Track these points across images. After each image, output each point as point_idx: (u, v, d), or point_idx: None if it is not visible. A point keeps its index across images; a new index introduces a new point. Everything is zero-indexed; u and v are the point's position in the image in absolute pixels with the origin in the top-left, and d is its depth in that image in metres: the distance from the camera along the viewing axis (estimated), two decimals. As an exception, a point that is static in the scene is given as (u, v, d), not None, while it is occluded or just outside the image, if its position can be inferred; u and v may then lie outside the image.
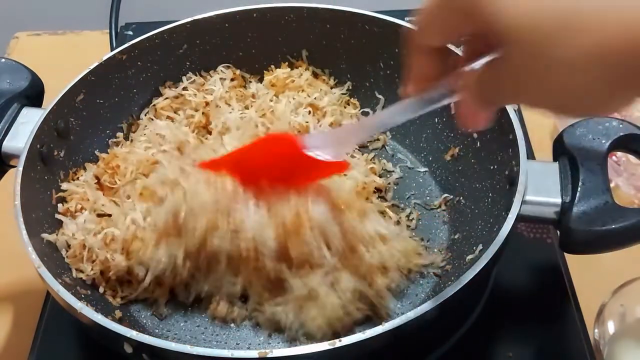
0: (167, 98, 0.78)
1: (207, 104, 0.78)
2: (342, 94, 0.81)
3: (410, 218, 0.71)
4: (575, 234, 0.57)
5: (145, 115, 0.78)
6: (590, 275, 0.70)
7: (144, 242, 0.61)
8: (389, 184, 0.74)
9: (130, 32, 0.99)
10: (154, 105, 0.78)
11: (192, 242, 0.59)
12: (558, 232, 0.60)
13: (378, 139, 0.79)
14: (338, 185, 0.63)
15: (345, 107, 0.80)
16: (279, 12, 0.79)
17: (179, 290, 0.64)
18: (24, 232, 0.57)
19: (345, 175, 0.67)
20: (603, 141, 0.60)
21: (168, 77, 0.79)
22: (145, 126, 0.76)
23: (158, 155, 0.70)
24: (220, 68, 0.80)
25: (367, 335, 0.48)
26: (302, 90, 0.78)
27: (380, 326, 0.48)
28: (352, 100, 0.81)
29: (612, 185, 0.67)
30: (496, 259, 0.54)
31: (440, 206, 0.72)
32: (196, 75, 0.80)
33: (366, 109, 0.80)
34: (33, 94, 0.71)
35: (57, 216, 0.65)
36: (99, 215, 0.65)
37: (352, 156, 0.75)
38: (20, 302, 0.72)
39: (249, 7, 0.78)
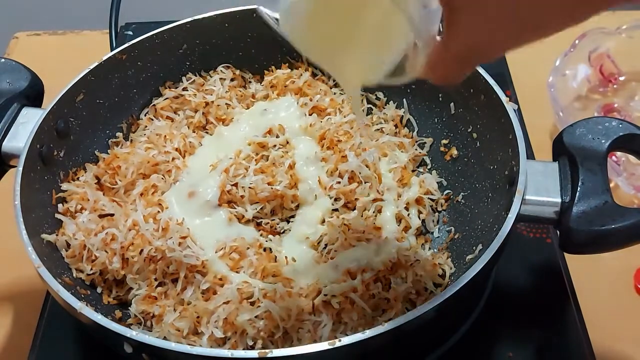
0: (167, 98, 0.78)
1: (207, 104, 0.78)
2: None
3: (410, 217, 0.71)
4: (575, 234, 0.57)
5: (145, 115, 0.78)
6: (590, 275, 0.70)
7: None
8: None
9: (130, 32, 0.99)
10: (154, 105, 0.78)
11: None
12: (558, 232, 0.60)
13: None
14: None
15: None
16: (279, 12, 0.79)
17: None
18: (24, 232, 0.57)
19: None
20: (603, 141, 0.60)
21: (168, 77, 0.79)
22: (145, 126, 0.76)
23: (159, 156, 0.71)
24: (220, 68, 0.80)
25: (367, 335, 0.48)
26: (305, 94, 0.78)
27: (380, 326, 0.48)
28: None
29: (612, 185, 0.66)
30: (496, 259, 0.54)
31: (440, 206, 0.72)
32: (196, 76, 0.80)
33: (370, 105, 0.81)
34: (33, 94, 0.71)
35: (57, 216, 0.65)
36: (101, 216, 0.65)
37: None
38: (20, 302, 0.72)
39: (249, 7, 0.78)
